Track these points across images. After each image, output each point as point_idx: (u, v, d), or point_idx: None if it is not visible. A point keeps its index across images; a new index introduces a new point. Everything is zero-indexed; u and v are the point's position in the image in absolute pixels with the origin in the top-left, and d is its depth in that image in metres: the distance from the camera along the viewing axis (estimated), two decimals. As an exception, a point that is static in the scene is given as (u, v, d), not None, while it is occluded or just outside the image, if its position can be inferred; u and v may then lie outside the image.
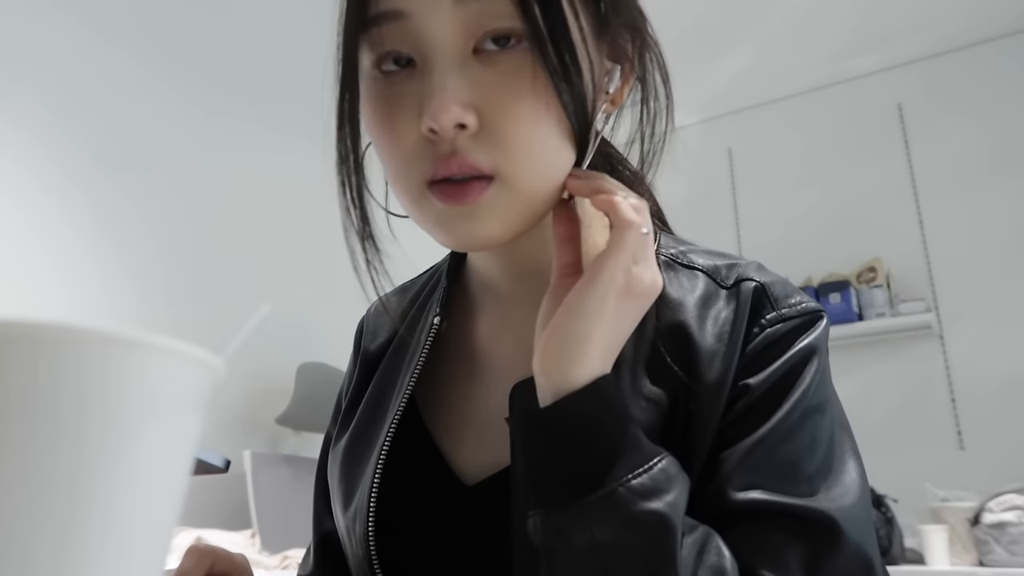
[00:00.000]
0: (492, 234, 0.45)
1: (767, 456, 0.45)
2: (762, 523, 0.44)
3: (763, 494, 0.44)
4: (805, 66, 3.12)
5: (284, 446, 2.02)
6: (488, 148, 0.43)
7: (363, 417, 0.60)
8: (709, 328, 0.48)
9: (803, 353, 0.47)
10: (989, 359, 2.69)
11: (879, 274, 2.83)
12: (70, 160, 1.65)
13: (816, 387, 0.47)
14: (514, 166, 0.43)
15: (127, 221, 1.74)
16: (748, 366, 0.47)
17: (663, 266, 0.52)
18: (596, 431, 0.41)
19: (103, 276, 1.67)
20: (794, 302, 0.50)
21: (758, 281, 0.50)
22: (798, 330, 0.48)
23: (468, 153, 0.43)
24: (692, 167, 3.45)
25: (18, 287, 1.49)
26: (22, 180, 1.55)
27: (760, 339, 0.48)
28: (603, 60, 0.48)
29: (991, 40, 2.93)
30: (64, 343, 0.24)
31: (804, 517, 0.43)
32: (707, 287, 0.51)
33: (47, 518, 0.24)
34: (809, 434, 0.46)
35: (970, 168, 2.87)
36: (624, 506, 0.39)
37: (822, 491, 0.44)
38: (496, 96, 0.43)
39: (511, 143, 0.43)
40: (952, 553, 2.20)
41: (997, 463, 2.53)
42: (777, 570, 0.42)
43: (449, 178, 0.43)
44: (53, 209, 1.60)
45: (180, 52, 1.97)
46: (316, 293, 2.18)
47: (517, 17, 0.42)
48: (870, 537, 0.45)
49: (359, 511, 0.53)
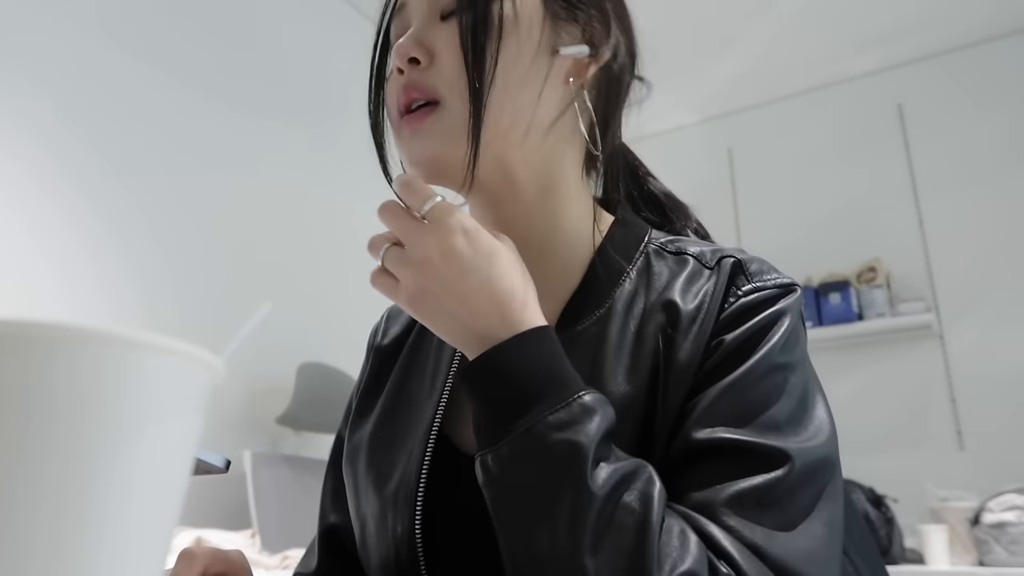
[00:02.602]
0: (434, 150, 0.55)
1: (731, 401, 0.49)
2: (717, 458, 0.48)
3: (723, 432, 0.48)
4: (805, 66, 3.12)
5: (284, 446, 2.02)
6: (434, 78, 0.55)
7: (389, 402, 0.64)
8: (691, 300, 0.55)
9: (774, 315, 0.53)
10: (989, 359, 2.69)
11: (879, 274, 2.83)
12: (68, 158, 1.65)
13: (784, 345, 0.52)
14: (450, 91, 0.54)
15: (127, 219, 1.74)
16: (723, 328, 0.53)
17: (653, 254, 0.59)
18: (516, 377, 0.46)
19: (101, 275, 1.67)
20: (769, 277, 0.55)
21: (736, 258, 0.56)
22: (772, 300, 0.54)
23: (419, 81, 0.55)
24: (692, 167, 3.45)
25: (15, 287, 1.49)
26: (17, 176, 1.55)
27: (736, 306, 0.53)
28: (553, 33, 0.57)
29: (991, 40, 2.93)
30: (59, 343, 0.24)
31: (757, 452, 0.47)
32: (693, 268, 0.57)
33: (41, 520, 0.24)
34: (776, 386, 0.50)
35: (970, 168, 2.87)
36: (541, 438, 0.44)
37: (789, 437, 0.48)
38: (442, 43, 0.55)
39: (447, 73, 0.54)
40: (952, 553, 2.20)
41: (997, 463, 2.53)
42: (705, 491, 0.46)
43: (410, 109, 0.55)
44: (50, 207, 1.60)
45: (180, 50, 1.97)
46: (316, 293, 2.17)
47: None
48: (832, 484, 0.49)
49: (403, 486, 0.57)
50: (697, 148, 3.49)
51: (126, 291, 1.70)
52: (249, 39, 2.21)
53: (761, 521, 0.45)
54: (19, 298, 1.48)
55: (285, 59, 2.34)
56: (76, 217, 1.63)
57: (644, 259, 0.59)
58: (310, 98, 2.40)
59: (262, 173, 2.15)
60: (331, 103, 2.46)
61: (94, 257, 1.65)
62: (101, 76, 1.74)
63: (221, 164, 2.02)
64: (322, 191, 2.33)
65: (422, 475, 0.56)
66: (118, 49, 1.80)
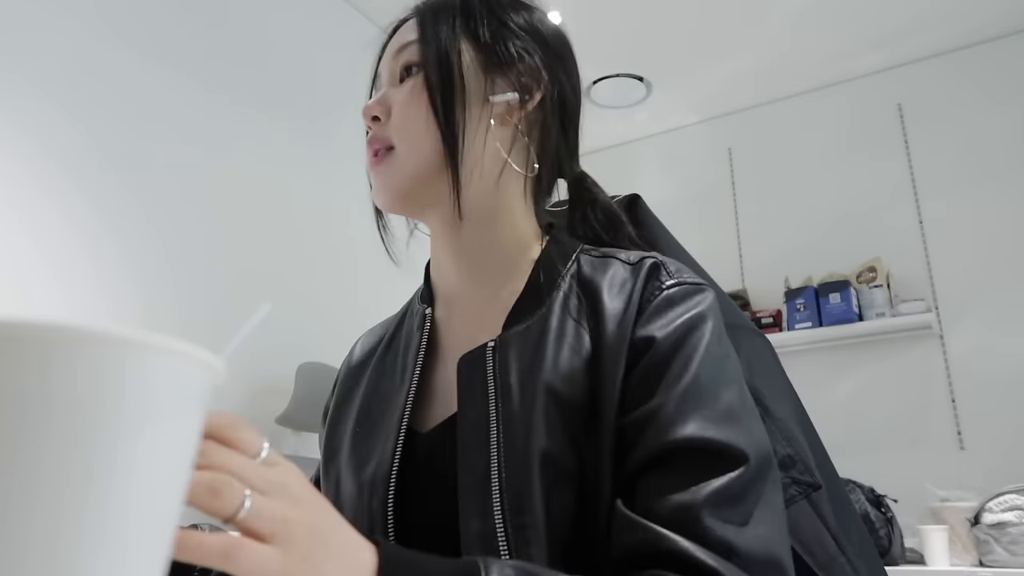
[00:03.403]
0: (390, 188, 0.68)
1: (688, 401, 0.56)
2: (688, 458, 0.54)
3: (691, 430, 0.54)
4: (805, 66, 3.12)
5: (284, 446, 2.02)
6: (388, 130, 0.69)
7: (364, 404, 0.72)
8: (616, 293, 0.64)
9: (699, 313, 0.61)
10: (989, 359, 2.69)
11: (879, 274, 2.83)
12: (67, 156, 1.64)
13: (720, 338, 0.61)
14: (399, 140, 0.68)
15: (127, 218, 1.74)
16: (648, 320, 0.61)
17: (584, 263, 0.68)
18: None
19: (100, 274, 1.67)
20: (687, 276, 0.65)
21: (656, 259, 0.66)
22: (691, 293, 0.63)
23: (379, 134, 0.69)
24: (692, 167, 3.45)
25: (13, 286, 1.49)
26: (15, 174, 1.55)
27: (660, 298, 0.62)
28: (489, 83, 0.69)
29: (991, 40, 2.93)
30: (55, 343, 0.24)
31: (723, 451, 0.54)
32: (617, 268, 0.67)
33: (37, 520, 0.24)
34: (725, 378, 0.59)
35: (970, 168, 2.87)
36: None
37: (744, 430, 0.56)
38: (395, 101, 0.69)
39: (397, 125, 0.68)
40: (952, 553, 2.20)
41: (997, 463, 2.53)
42: (683, 493, 0.52)
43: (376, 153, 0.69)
44: (48, 205, 1.60)
45: (181, 47, 1.97)
46: (316, 293, 2.17)
47: (417, 59, 0.69)
48: (772, 473, 0.56)
49: (379, 466, 0.64)
50: (697, 148, 3.49)
51: (125, 290, 1.70)
52: (259, 40, 2.21)
53: (732, 520, 0.51)
54: (18, 298, 1.48)
55: (293, 64, 2.34)
56: (75, 216, 1.63)
57: (576, 266, 0.68)
58: (317, 101, 2.40)
59: (264, 173, 2.14)
60: (326, 101, 2.46)
61: (93, 255, 1.65)
62: (102, 72, 1.74)
63: (222, 163, 2.02)
64: (320, 190, 2.33)
65: (396, 455, 0.63)
66: (118, 44, 1.80)
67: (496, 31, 0.69)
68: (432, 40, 0.68)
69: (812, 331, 2.84)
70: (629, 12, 2.68)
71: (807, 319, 2.85)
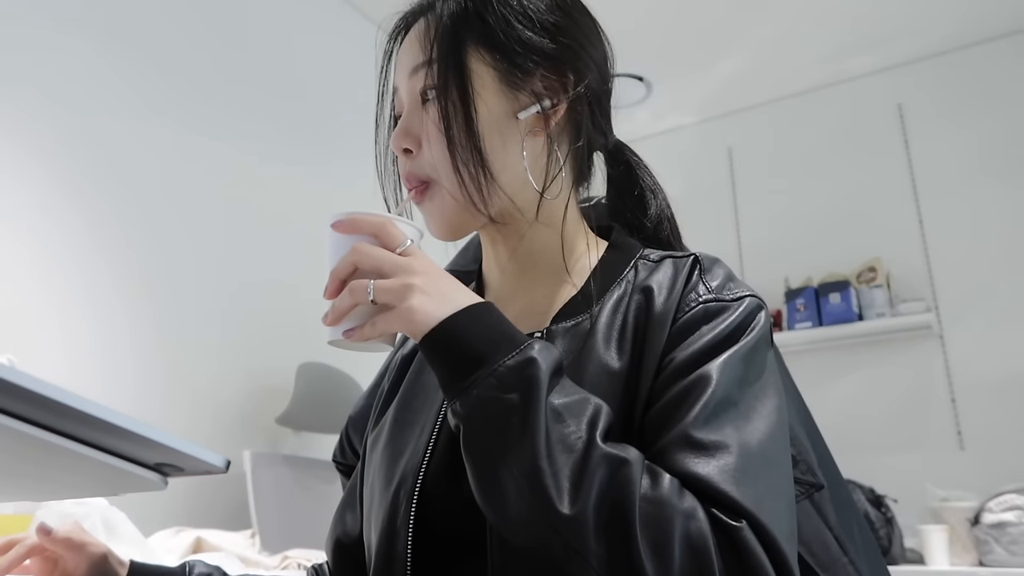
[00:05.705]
0: (442, 223, 0.68)
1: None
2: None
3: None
4: (805, 66, 3.12)
5: (284, 446, 2.02)
6: (422, 165, 0.67)
7: (406, 396, 0.74)
8: (664, 282, 0.64)
9: (747, 311, 0.61)
10: (989, 359, 2.69)
11: (879, 274, 2.83)
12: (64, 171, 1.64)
13: (761, 339, 0.61)
14: (437, 173, 0.66)
15: (127, 216, 1.74)
16: (678, 333, 0.60)
17: (641, 266, 0.68)
18: (468, 338, 0.55)
19: (99, 273, 1.66)
20: (730, 290, 0.64)
21: (701, 263, 0.65)
22: (723, 310, 0.62)
23: (413, 171, 0.68)
24: (692, 167, 3.45)
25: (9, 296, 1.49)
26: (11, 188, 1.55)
27: (695, 310, 0.61)
28: (512, 101, 0.66)
29: (991, 40, 2.93)
30: None
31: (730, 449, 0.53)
32: (668, 265, 0.66)
33: None
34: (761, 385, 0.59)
35: (970, 168, 2.87)
36: (502, 378, 0.52)
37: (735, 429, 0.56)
38: (425, 131, 0.66)
39: (431, 159, 0.66)
40: (952, 553, 2.20)
41: (997, 463, 2.54)
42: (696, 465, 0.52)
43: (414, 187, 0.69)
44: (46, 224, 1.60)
45: (179, 62, 1.97)
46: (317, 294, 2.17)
47: (435, 83, 0.66)
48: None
49: (412, 456, 0.66)
50: (697, 148, 3.49)
51: (126, 290, 1.70)
52: (257, 48, 2.21)
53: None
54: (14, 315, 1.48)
55: (294, 66, 2.34)
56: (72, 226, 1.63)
57: (633, 271, 0.68)
58: (317, 104, 2.40)
59: (264, 173, 2.14)
60: (326, 102, 2.46)
61: (93, 255, 1.65)
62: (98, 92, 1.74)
63: (222, 163, 2.02)
64: (325, 192, 2.33)
65: (429, 447, 0.65)
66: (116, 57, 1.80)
67: (508, 44, 0.66)
68: (449, 67, 0.65)
69: (812, 331, 2.84)
70: (629, 12, 2.68)
71: (807, 319, 2.86)
